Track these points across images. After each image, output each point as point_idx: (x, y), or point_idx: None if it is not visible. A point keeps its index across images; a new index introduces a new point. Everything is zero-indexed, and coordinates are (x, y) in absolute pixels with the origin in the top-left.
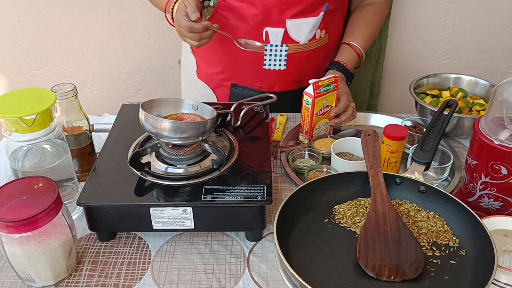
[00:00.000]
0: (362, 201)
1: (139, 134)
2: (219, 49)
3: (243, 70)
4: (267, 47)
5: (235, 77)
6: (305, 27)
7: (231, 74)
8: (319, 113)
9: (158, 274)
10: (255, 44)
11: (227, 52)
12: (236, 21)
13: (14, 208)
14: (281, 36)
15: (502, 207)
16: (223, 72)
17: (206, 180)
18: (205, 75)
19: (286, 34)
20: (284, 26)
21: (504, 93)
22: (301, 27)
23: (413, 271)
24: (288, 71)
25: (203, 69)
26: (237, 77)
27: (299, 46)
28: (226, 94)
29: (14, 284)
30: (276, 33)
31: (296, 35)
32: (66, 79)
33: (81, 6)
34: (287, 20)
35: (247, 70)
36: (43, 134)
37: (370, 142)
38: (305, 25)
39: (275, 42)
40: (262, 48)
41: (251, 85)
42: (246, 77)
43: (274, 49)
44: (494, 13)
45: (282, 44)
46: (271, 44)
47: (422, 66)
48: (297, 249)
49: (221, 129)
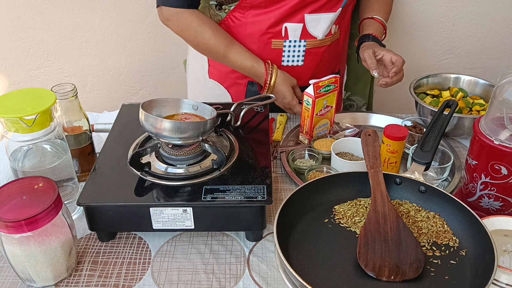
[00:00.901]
0: (362, 201)
1: (139, 134)
2: None
3: None
4: (285, 42)
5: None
6: (323, 23)
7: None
8: (319, 113)
9: (158, 274)
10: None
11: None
12: (256, 18)
13: (14, 208)
14: (299, 32)
15: (502, 207)
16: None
17: (206, 180)
18: (219, 74)
19: (304, 29)
20: (303, 21)
21: (504, 93)
22: (319, 22)
23: (413, 271)
24: (305, 67)
25: (216, 68)
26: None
27: (317, 41)
28: (242, 92)
29: (14, 284)
30: (295, 29)
31: (314, 30)
32: (66, 79)
33: (81, 6)
34: (306, 14)
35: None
36: (43, 134)
37: (370, 142)
38: (323, 20)
39: (294, 37)
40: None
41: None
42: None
43: (293, 45)
44: (494, 13)
45: (301, 40)
46: (289, 40)
47: (422, 66)
48: (297, 249)
49: (221, 129)
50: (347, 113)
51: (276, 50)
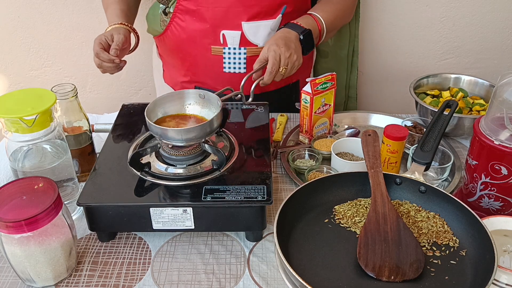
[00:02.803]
0: (362, 201)
1: (139, 134)
2: (180, 52)
3: (205, 74)
4: (225, 50)
5: (198, 80)
6: (262, 30)
7: (194, 77)
8: (318, 111)
9: (158, 274)
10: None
11: (187, 56)
12: (193, 24)
13: (14, 208)
14: (238, 39)
15: (502, 207)
16: (186, 76)
17: (206, 180)
18: (170, 78)
19: (243, 37)
20: (241, 28)
21: (504, 93)
22: (258, 30)
23: (413, 271)
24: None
25: (168, 72)
26: (200, 80)
27: (258, 49)
28: None
29: (14, 284)
30: (233, 36)
31: (253, 38)
32: (66, 79)
33: (81, 6)
34: (243, 22)
35: (208, 73)
36: (43, 134)
37: (370, 142)
38: (262, 27)
39: (233, 45)
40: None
41: (214, 88)
42: (208, 80)
43: (233, 52)
44: (494, 13)
45: (240, 47)
46: (229, 47)
47: (422, 66)
48: (297, 249)
49: (221, 130)
50: (347, 113)
51: (216, 57)
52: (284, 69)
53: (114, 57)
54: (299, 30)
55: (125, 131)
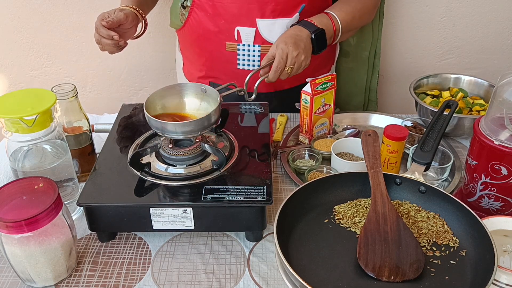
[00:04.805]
0: (362, 201)
1: (139, 134)
2: (196, 47)
3: (219, 69)
4: (239, 46)
5: (212, 76)
6: (278, 28)
7: (209, 73)
8: (318, 111)
9: (158, 275)
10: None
11: (204, 51)
12: (209, 19)
13: (14, 208)
14: (252, 36)
15: (502, 207)
16: (201, 70)
17: (206, 180)
18: (188, 73)
19: (258, 34)
20: (255, 25)
21: (504, 93)
22: (273, 28)
23: (413, 271)
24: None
25: (187, 67)
26: (214, 75)
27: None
28: None
29: (14, 284)
30: (247, 33)
31: (268, 35)
32: (66, 79)
33: (81, 6)
34: (257, 19)
35: (223, 69)
36: (43, 135)
37: (370, 142)
38: (278, 25)
39: (247, 42)
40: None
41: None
42: (223, 76)
43: (247, 49)
44: (494, 13)
45: (255, 44)
46: (243, 44)
47: (422, 66)
48: (297, 249)
49: (221, 130)
50: (347, 113)
51: (231, 53)
52: (290, 68)
53: (113, 33)
54: (311, 29)
55: (125, 131)
